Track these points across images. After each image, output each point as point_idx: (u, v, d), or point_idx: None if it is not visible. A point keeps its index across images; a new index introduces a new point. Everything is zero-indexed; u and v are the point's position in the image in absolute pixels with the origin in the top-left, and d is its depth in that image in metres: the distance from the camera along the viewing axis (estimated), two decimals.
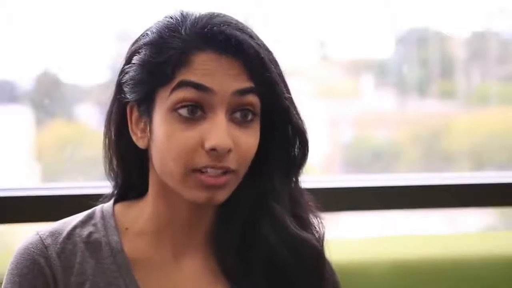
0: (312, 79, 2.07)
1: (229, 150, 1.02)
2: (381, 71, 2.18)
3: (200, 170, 1.02)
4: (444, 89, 2.18)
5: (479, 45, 2.19)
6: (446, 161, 2.19)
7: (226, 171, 1.03)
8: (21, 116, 1.87)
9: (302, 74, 2.03)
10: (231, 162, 1.03)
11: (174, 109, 1.03)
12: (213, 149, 1.01)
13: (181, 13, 1.07)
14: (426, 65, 2.14)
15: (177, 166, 1.03)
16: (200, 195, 1.04)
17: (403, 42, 2.13)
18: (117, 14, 1.85)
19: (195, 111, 1.03)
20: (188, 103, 1.02)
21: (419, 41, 2.13)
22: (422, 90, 2.16)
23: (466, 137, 2.19)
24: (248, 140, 1.05)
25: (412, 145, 2.17)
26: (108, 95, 1.13)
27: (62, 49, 1.82)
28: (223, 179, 1.03)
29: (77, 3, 1.81)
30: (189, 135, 1.02)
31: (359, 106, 2.17)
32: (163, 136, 1.03)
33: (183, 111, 1.02)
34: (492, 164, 2.21)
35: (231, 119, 1.04)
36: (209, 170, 1.02)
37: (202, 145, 1.02)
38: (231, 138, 1.02)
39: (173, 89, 1.03)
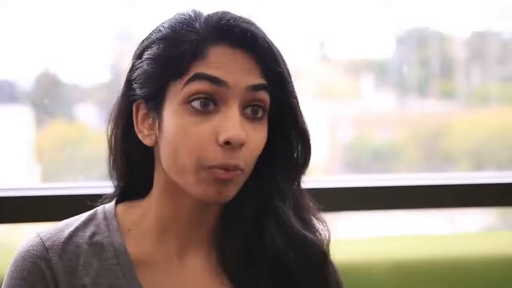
0: (312, 79, 2.06)
1: (242, 144, 1.02)
2: (381, 71, 2.18)
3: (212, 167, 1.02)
4: (444, 89, 2.18)
5: (479, 45, 2.18)
6: (446, 161, 2.19)
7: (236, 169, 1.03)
8: (21, 116, 1.87)
9: (302, 74, 2.03)
10: (241, 160, 1.03)
11: (187, 101, 1.02)
12: (227, 142, 1.01)
13: (193, 10, 1.08)
14: (426, 65, 2.14)
15: (190, 160, 1.02)
16: (209, 190, 1.03)
17: (403, 42, 2.13)
18: (117, 14, 1.85)
19: (208, 104, 1.02)
20: (202, 95, 1.02)
21: (419, 41, 2.13)
22: (422, 90, 2.16)
23: (466, 137, 2.19)
24: (258, 136, 1.05)
25: (412, 145, 2.17)
26: (109, 95, 1.13)
27: (62, 49, 1.82)
28: (232, 173, 1.03)
29: (77, 3, 1.81)
30: (202, 128, 1.02)
31: (359, 106, 2.17)
32: (175, 130, 1.03)
33: (196, 104, 1.02)
34: (492, 164, 2.21)
35: (242, 114, 1.04)
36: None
37: (215, 139, 1.02)
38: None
39: (187, 82, 1.02)
